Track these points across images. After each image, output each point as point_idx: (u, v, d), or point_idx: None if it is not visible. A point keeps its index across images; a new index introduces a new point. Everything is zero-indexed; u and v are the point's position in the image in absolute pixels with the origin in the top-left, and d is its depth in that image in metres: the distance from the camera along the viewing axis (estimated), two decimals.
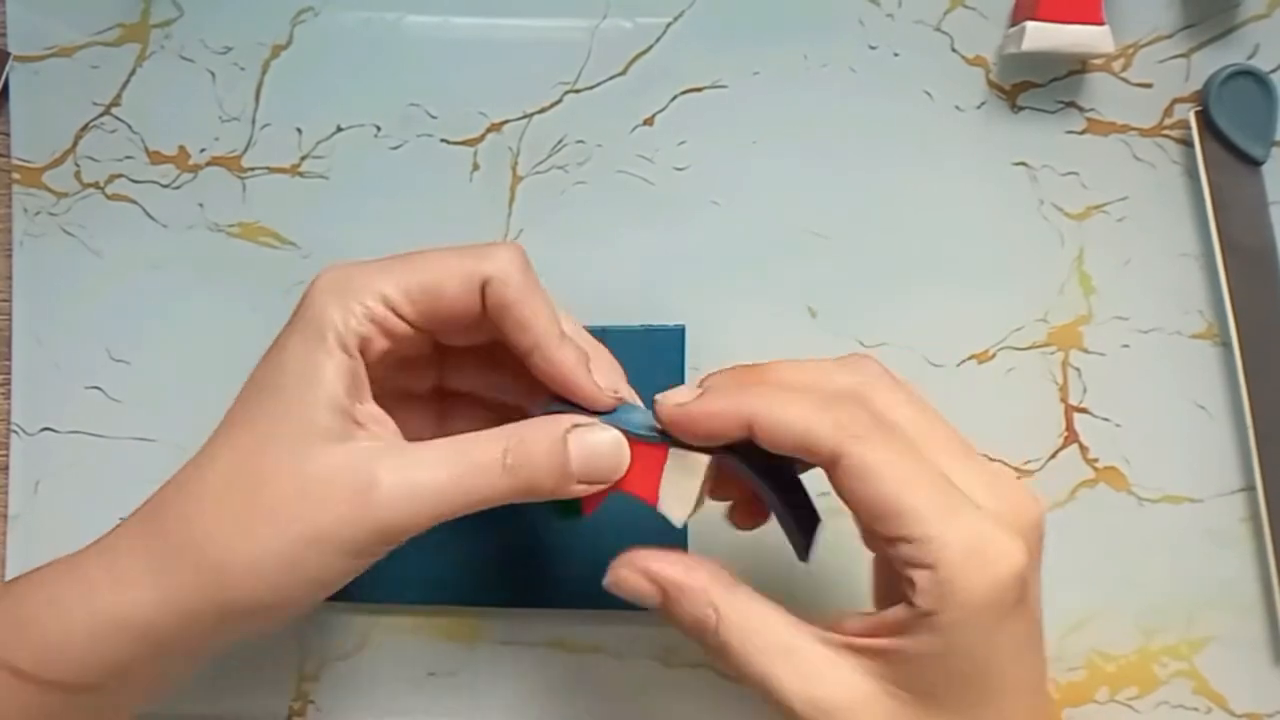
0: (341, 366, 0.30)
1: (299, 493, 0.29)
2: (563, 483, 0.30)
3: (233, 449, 0.30)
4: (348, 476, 0.29)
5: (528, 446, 0.30)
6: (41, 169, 0.42)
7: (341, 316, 0.30)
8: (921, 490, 0.27)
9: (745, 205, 0.42)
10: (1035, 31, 0.39)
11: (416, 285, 0.31)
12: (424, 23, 0.42)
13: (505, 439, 0.30)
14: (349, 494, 0.28)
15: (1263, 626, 0.41)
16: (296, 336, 0.30)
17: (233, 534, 0.29)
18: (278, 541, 0.28)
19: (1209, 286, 0.42)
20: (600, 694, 0.42)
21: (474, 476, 0.29)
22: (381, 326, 0.30)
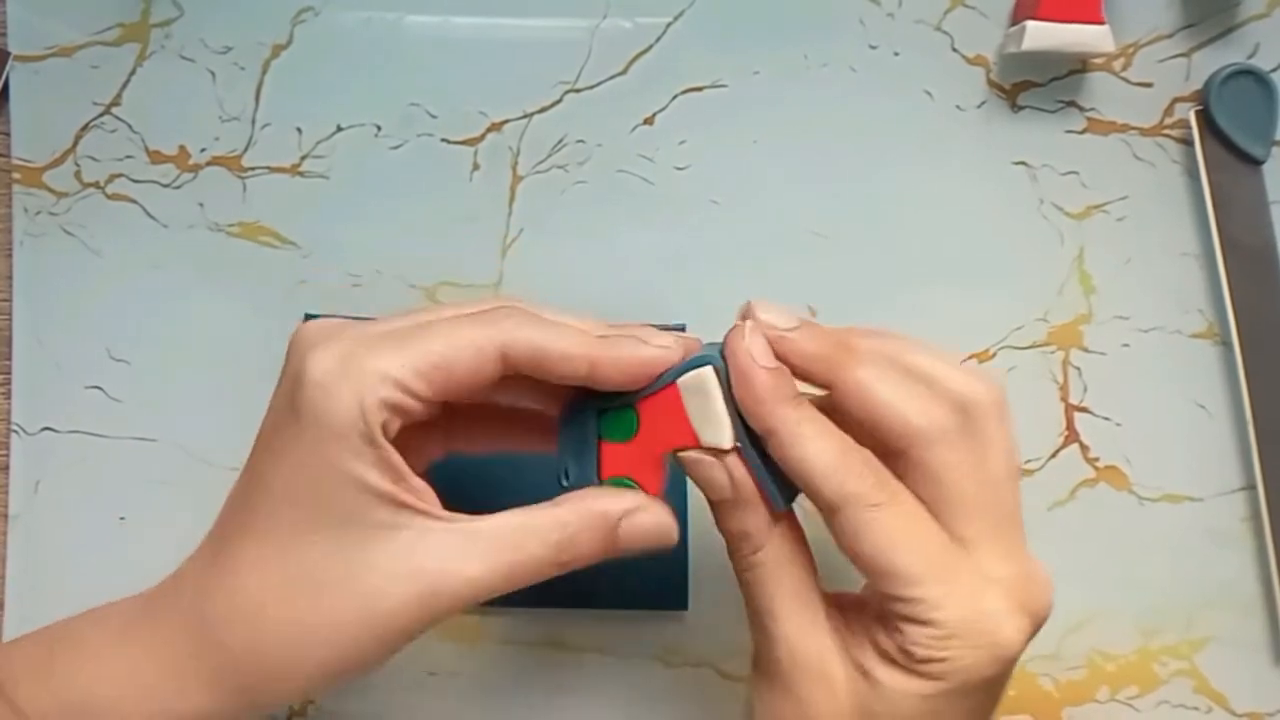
0: (369, 459, 0.28)
1: (359, 602, 0.28)
2: (612, 556, 0.30)
3: (272, 552, 0.29)
4: (406, 584, 0.28)
5: (579, 543, 0.30)
6: (41, 169, 0.42)
7: (358, 412, 0.28)
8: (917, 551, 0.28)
9: (745, 205, 0.42)
10: (1035, 31, 0.39)
11: (426, 362, 0.29)
12: (424, 23, 0.42)
13: (555, 537, 0.30)
14: (409, 602, 0.28)
15: (1263, 626, 0.41)
16: (309, 433, 0.28)
17: (295, 646, 0.28)
18: (342, 649, 0.28)
19: (1209, 286, 0.42)
20: (600, 694, 0.42)
21: (524, 573, 0.29)
22: (397, 409, 0.29)
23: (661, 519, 0.30)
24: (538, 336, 0.29)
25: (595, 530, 0.30)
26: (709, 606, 0.41)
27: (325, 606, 0.28)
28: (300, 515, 0.29)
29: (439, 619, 0.29)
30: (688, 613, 0.41)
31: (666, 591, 0.41)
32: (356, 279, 0.42)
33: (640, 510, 0.30)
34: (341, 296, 0.42)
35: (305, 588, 0.28)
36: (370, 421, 0.28)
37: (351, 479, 0.28)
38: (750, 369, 0.29)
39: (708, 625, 0.41)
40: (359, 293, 0.42)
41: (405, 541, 0.29)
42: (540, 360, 0.29)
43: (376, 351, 0.29)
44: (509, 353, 0.29)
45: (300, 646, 0.28)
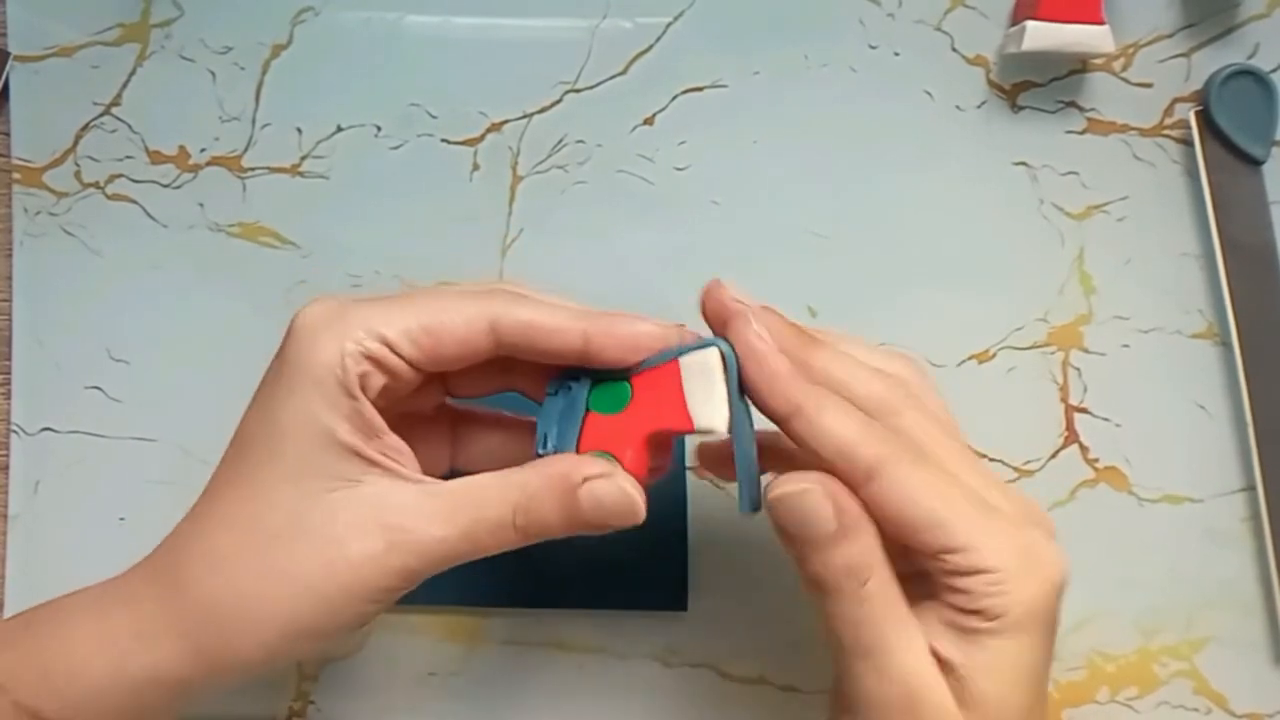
0: (342, 409, 0.29)
1: (320, 553, 0.28)
2: (575, 529, 0.30)
3: (235, 506, 0.30)
4: (365, 536, 0.28)
5: (537, 503, 0.29)
6: (41, 169, 0.42)
7: (336, 356, 0.28)
8: (954, 499, 0.28)
9: (745, 205, 0.42)
10: (1035, 31, 0.39)
11: (417, 325, 0.29)
12: (424, 23, 0.42)
13: (515, 496, 0.29)
14: (369, 553, 0.28)
15: (1263, 626, 0.41)
16: (284, 382, 0.29)
17: (259, 597, 0.28)
18: (305, 601, 0.28)
19: (1209, 286, 0.42)
20: (600, 694, 0.42)
21: (485, 534, 0.29)
22: (379, 364, 0.29)
23: (626, 490, 0.29)
24: (529, 311, 0.30)
25: (554, 492, 0.29)
26: (709, 606, 0.41)
27: (285, 557, 0.28)
28: (270, 465, 0.29)
29: (403, 578, 0.29)
30: (688, 613, 0.41)
31: (666, 591, 0.41)
32: (356, 279, 0.42)
33: (604, 478, 0.29)
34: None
35: (268, 538, 0.29)
36: (348, 369, 0.28)
37: (321, 428, 0.28)
38: (767, 351, 0.29)
39: (708, 625, 0.41)
40: (358, 293, 0.42)
41: (367, 495, 0.29)
42: (531, 334, 0.29)
43: (366, 308, 0.29)
44: (499, 326, 0.29)
45: (262, 598, 0.28)
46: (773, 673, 0.42)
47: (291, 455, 0.29)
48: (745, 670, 0.42)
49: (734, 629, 0.41)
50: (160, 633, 0.29)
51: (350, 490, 0.29)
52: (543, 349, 0.30)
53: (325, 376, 0.28)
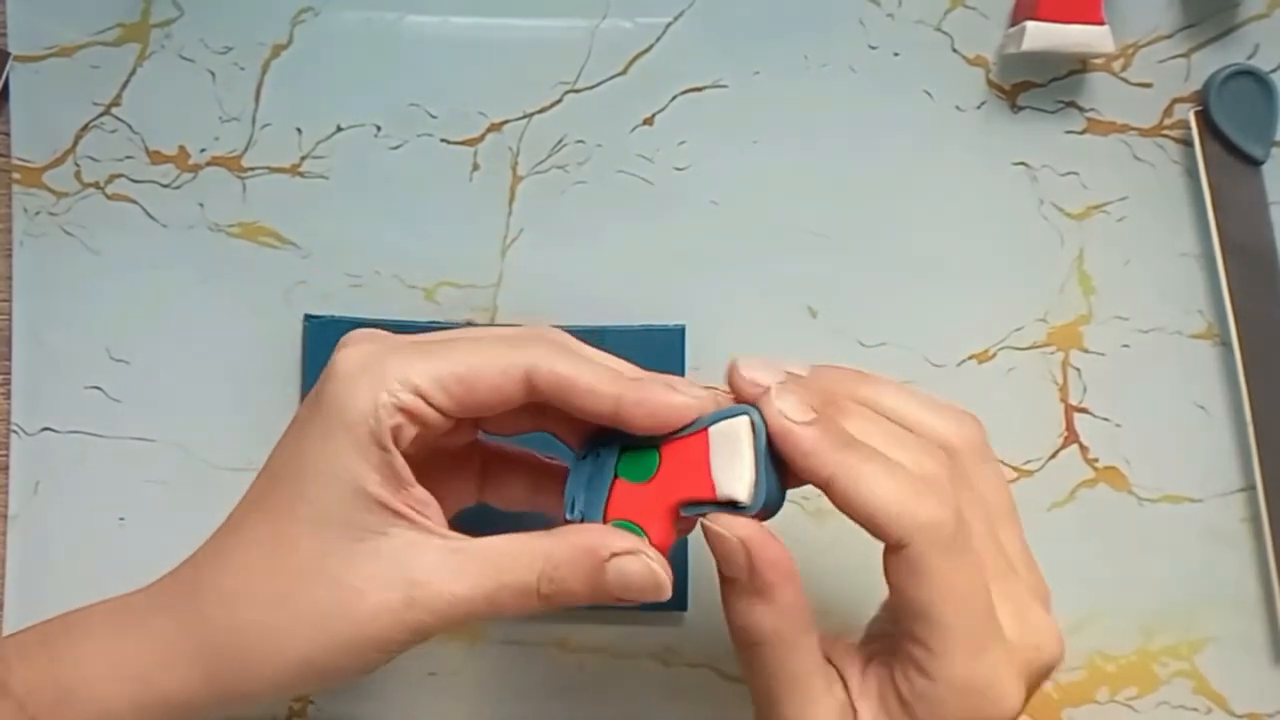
0: (373, 460, 0.28)
1: (338, 603, 0.28)
2: (600, 600, 0.29)
3: (259, 543, 0.29)
4: (385, 589, 0.28)
5: (562, 575, 0.29)
6: (41, 169, 0.42)
7: (370, 407, 0.28)
8: (960, 612, 0.28)
9: (745, 205, 0.42)
10: (1035, 31, 0.39)
11: (449, 374, 0.29)
12: (424, 23, 0.42)
13: (541, 564, 0.29)
14: (388, 607, 0.28)
15: (1263, 626, 0.41)
16: (319, 425, 0.29)
17: (275, 635, 0.29)
18: (315, 644, 0.28)
19: (1209, 286, 0.42)
20: (600, 694, 0.42)
21: (506, 599, 0.29)
22: (413, 416, 0.29)
23: (653, 570, 0.29)
24: (566, 366, 0.29)
25: (581, 566, 0.29)
26: (709, 606, 0.41)
27: (305, 599, 0.28)
28: (296, 506, 0.29)
29: (418, 633, 0.29)
30: (688, 613, 0.41)
31: None
32: (356, 279, 0.42)
33: (632, 556, 0.29)
34: (341, 297, 0.42)
35: (289, 577, 0.29)
36: (380, 421, 0.28)
37: (351, 479, 0.28)
38: (789, 429, 0.28)
39: (708, 625, 0.41)
40: (358, 293, 0.42)
41: (391, 548, 0.29)
42: (566, 390, 0.29)
43: (402, 356, 0.29)
44: (534, 377, 0.29)
45: (277, 634, 0.28)
46: None
47: (318, 500, 0.29)
48: None
49: None
50: (175, 658, 0.29)
51: (374, 542, 0.29)
52: (575, 407, 0.29)
53: (358, 426, 0.28)
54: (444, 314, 0.42)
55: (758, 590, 0.29)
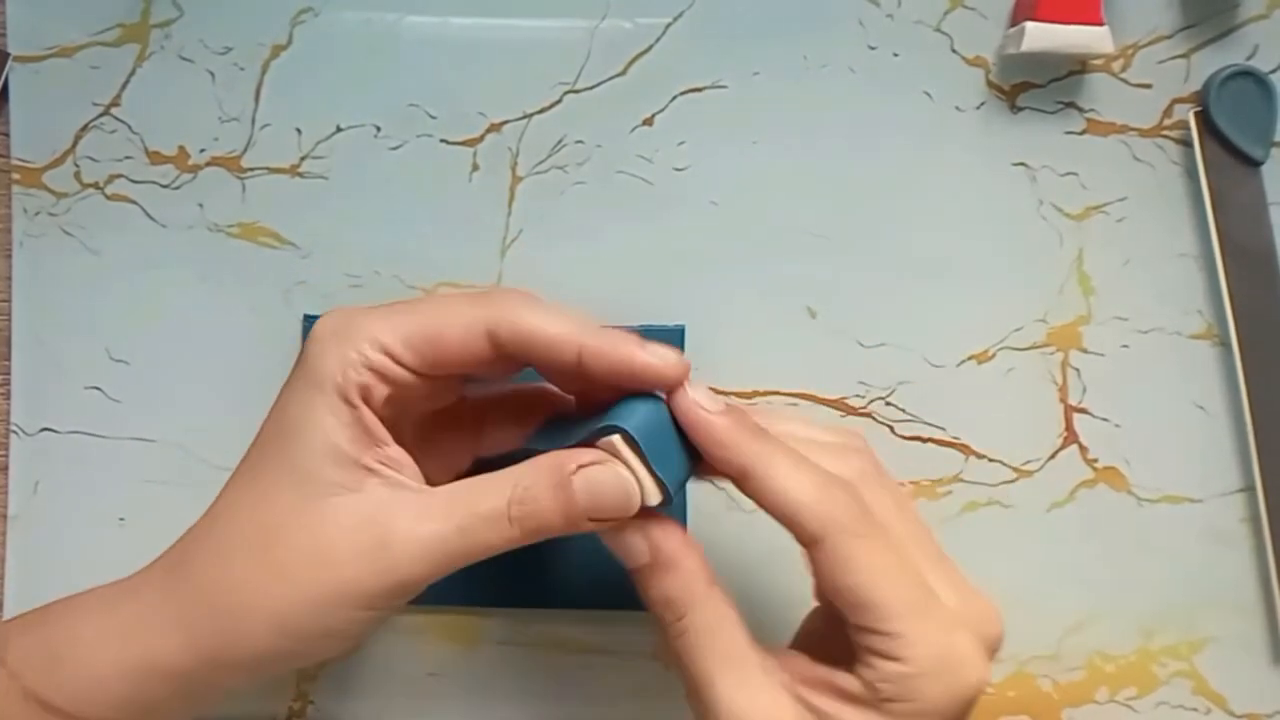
0: (343, 417, 0.29)
1: (312, 553, 0.29)
2: (573, 523, 0.30)
3: (243, 504, 0.30)
4: (359, 535, 0.29)
5: (532, 494, 0.29)
6: (41, 169, 0.42)
7: (339, 366, 0.29)
8: (895, 587, 0.28)
9: (745, 205, 0.42)
10: (1035, 32, 0.39)
11: (416, 332, 0.30)
12: (424, 23, 0.42)
13: (510, 487, 0.29)
14: (360, 554, 0.29)
15: (1263, 626, 0.41)
16: (297, 387, 0.30)
17: (252, 592, 0.29)
18: (295, 600, 0.29)
19: (1209, 286, 0.42)
20: (600, 694, 0.42)
21: (480, 529, 0.29)
22: (381, 374, 0.30)
23: (619, 475, 0.30)
24: (528, 317, 0.30)
25: (549, 481, 0.29)
26: None
27: (280, 556, 0.29)
28: (277, 467, 0.30)
29: (393, 581, 0.29)
30: None
31: None
32: (356, 279, 0.42)
33: (598, 464, 0.30)
34: (340, 297, 0.42)
35: (267, 532, 0.29)
36: (348, 377, 0.29)
37: (324, 436, 0.29)
38: (703, 419, 0.29)
39: None
40: (358, 293, 0.42)
41: (363, 501, 0.29)
42: (528, 342, 0.30)
43: (370, 317, 0.30)
44: (497, 331, 0.30)
45: (257, 592, 0.29)
46: None
47: (297, 458, 0.29)
48: None
49: None
50: (161, 621, 0.30)
51: (347, 496, 0.29)
52: (539, 358, 0.30)
53: (328, 384, 0.29)
54: None
55: (663, 565, 0.30)
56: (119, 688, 0.29)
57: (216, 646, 0.29)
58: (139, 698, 0.29)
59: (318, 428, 0.29)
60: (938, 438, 0.42)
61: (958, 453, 0.42)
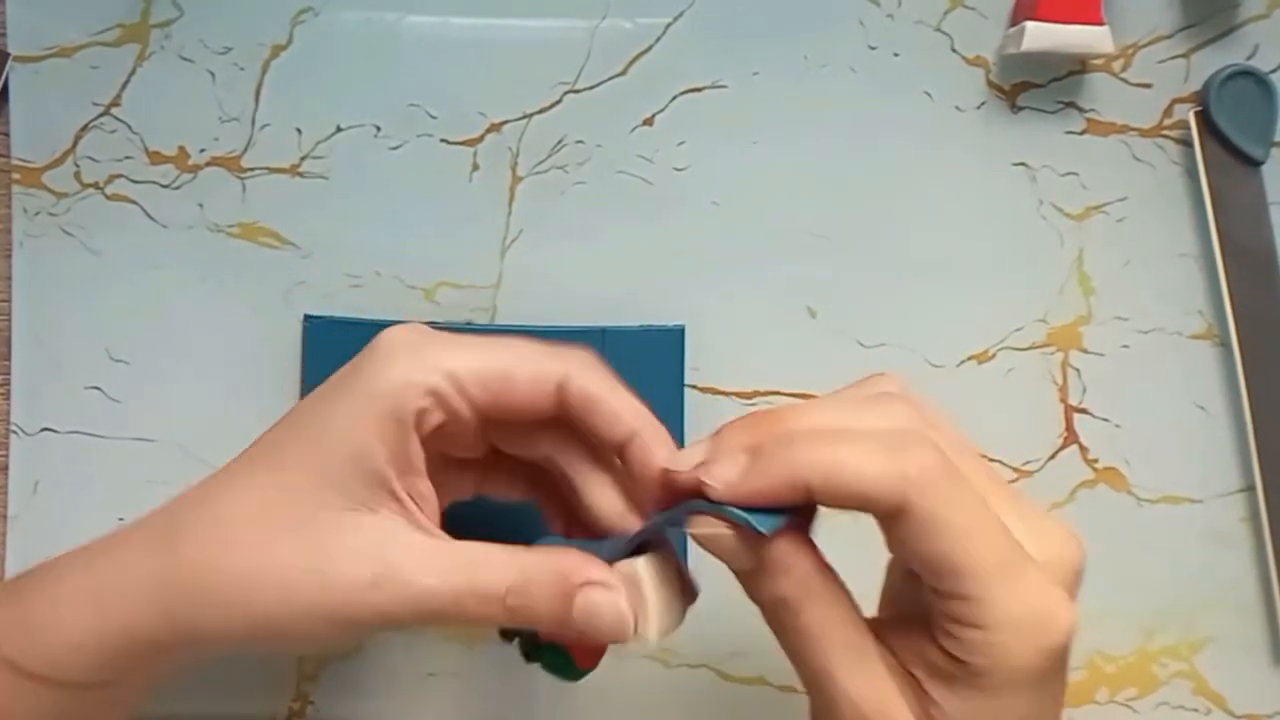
0: (389, 436, 0.28)
1: (310, 563, 0.28)
2: (561, 629, 0.29)
3: (253, 485, 0.29)
4: (358, 563, 0.28)
5: (532, 591, 0.29)
6: (41, 169, 0.42)
7: (403, 383, 0.28)
8: (985, 548, 0.26)
9: (745, 205, 0.42)
10: (1035, 31, 0.39)
11: (489, 369, 0.29)
12: (424, 23, 0.42)
13: (513, 575, 0.29)
14: (355, 582, 0.28)
15: (1263, 626, 0.41)
16: (348, 388, 0.29)
17: (241, 581, 0.28)
18: (282, 603, 0.28)
19: (1209, 286, 0.42)
20: (601, 694, 0.42)
21: (474, 602, 0.28)
22: (442, 402, 0.29)
23: (620, 611, 0.29)
24: (598, 385, 0.30)
25: (552, 586, 0.28)
26: (709, 607, 0.41)
27: (276, 555, 0.28)
28: (301, 462, 0.29)
29: (382, 617, 0.28)
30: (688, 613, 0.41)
31: None
32: (356, 279, 0.42)
33: (604, 588, 0.29)
34: (341, 297, 0.42)
35: (271, 530, 0.29)
36: (408, 397, 0.28)
37: (361, 446, 0.28)
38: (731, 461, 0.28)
39: (708, 625, 0.41)
40: (358, 293, 0.42)
41: (376, 526, 0.29)
42: (592, 407, 0.30)
43: (445, 344, 0.29)
44: (567, 388, 0.29)
45: (244, 585, 0.28)
46: (772, 673, 0.41)
47: (324, 461, 0.29)
48: (745, 670, 0.42)
49: (734, 629, 0.41)
50: (136, 591, 0.29)
51: (362, 516, 0.29)
52: (595, 427, 0.30)
53: (384, 398, 0.28)
54: (444, 314, 0.42)
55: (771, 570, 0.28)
56: (95, 655, 0.29)
57: (193, 628, 0.29)
58: (116, 662, 0.29)
59: (358, 438, 0.28)
60: None
61: None
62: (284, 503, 0.29)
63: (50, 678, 0.29)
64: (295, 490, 0.29)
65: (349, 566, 0.28)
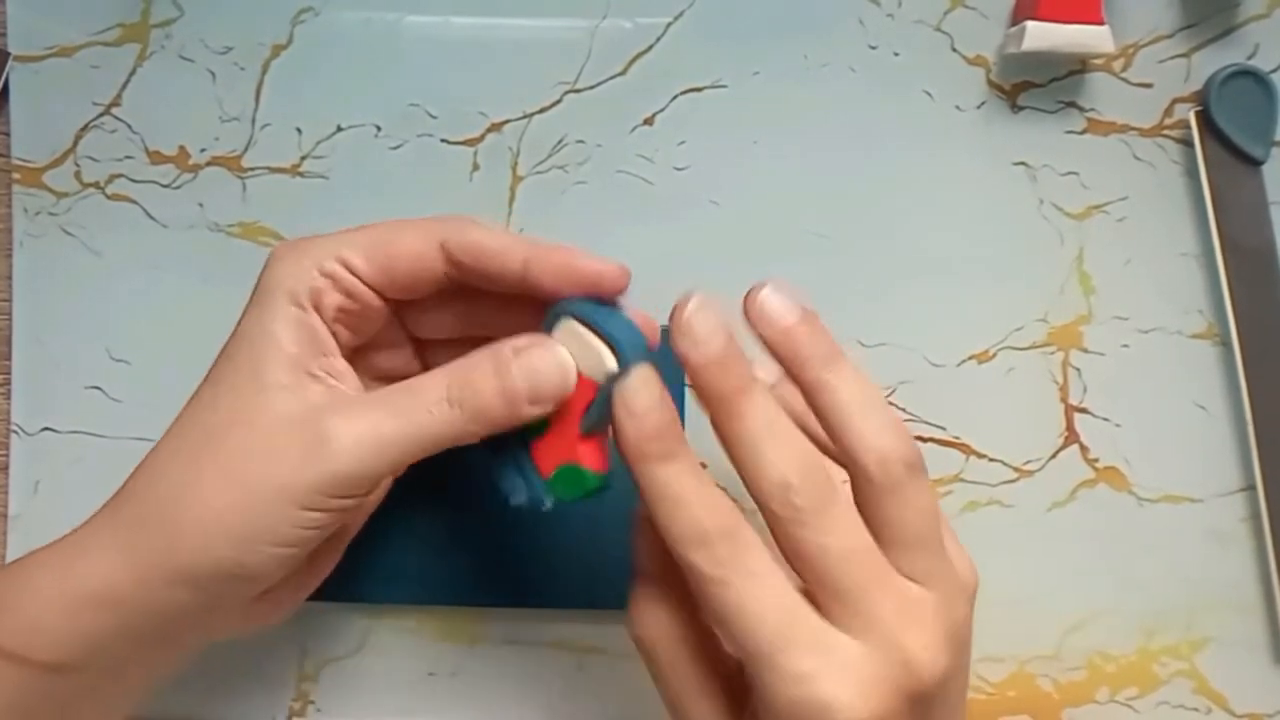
0: (290, 320, 0.30)
1: (249, 446, 0.29)
2: (513, 408, 0.29)
3: (185, 417, 0.31)
4: (297, 428, 0.29)
5: (469, 375, 0.29)
6: (41, 169, 0.42)
7: (292, 272, 0.30)
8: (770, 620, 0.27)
9: (745, 205, 0.42)
10: (1035, 31, 0.39)
11: (370, 241, 0.31)
12: (424, 23, 0.42)
13: (448, 374, 0.30)
14: (299, 445, 0.28)
15: (1263, 626, 0.41)
16: (250, 303, 0.31)
17: (186, 491, 0.29)
18: (229, 495, 0.28)
19: (1209, 286, 0.42)
20: (600, 694, 0.42)
21: (421, 416, 0.29)
22: (334, 280, 0.31)
23: (557, 352, 0.29)
24: (478, 233, 0.31)
25: (485, 365, 0.29)
26: None
27: (215, 454, 0.29)
28: (221, 373, 0.30)
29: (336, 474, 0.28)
30: None
31: None
32: None
33: (534, 346, 0.30)
34: None
35: (203, 437, 0.29)
36: (300, 283, 0.30)
37: (268, 336, 0.30)
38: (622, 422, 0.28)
39: None
40: None
41: (304, 400, 0.29)
42: (478, 253, 0.30)
43: (327, 235, 0.31)
44: (450, 243, 0.31)
45: (194, 493, 0.29)
46: None
47: (239, 362, 0.30)
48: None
49: None
50: (99, 542, 0.29)
51: (288, 394, 0.29)
52: (488, 270, 0.31)
53: (279, 290, 0.30)
54: None
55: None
56: (60, 621, 0.29)
57: (154, 560, 0.28)
58: (81, 630, 0.29)
59: (263, 331, 0.30)
60: (938, 437, 0.42)
61: (958, 452, 0.42)
62: (212, 414, 0.30)
63: (22, 654, 0.29)
64: (218, 401, 0.30)
65: (290, 437, 0.29)
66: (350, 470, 0.28)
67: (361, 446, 0.28)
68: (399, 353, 0.35)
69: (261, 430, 0.29)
